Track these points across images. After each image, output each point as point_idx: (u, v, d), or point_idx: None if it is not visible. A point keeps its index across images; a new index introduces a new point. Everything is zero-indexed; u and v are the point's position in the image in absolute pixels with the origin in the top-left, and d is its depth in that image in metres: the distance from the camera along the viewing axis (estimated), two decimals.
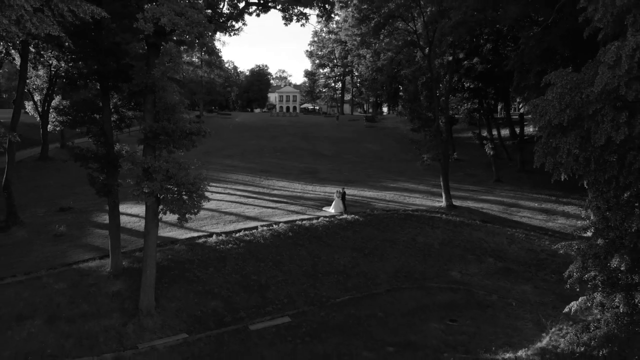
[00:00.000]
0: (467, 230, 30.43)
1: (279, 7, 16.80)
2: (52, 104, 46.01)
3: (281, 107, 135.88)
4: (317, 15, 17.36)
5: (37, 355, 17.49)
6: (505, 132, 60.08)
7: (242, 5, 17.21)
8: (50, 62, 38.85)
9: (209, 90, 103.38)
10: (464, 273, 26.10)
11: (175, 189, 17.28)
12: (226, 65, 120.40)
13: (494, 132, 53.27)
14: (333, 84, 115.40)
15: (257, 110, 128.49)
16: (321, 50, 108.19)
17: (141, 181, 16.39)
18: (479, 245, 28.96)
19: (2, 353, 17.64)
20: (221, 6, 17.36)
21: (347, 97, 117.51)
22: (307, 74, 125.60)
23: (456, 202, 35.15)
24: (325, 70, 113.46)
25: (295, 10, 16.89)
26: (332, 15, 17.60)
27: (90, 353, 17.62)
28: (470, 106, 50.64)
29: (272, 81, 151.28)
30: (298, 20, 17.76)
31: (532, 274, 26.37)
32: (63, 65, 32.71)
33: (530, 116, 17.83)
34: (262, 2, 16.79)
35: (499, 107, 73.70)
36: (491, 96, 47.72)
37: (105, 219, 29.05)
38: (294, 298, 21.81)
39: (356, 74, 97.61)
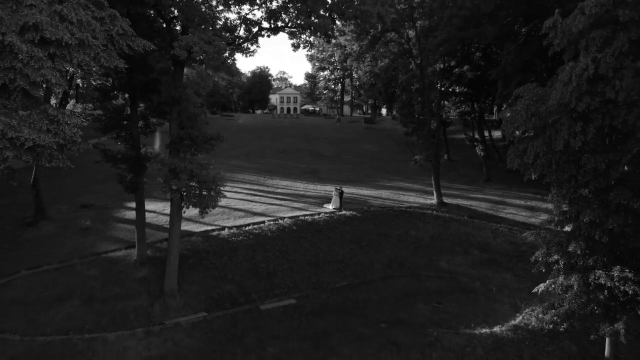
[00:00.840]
0: (456, 225, 33.18)
1: (287, 31, 19.51)
2: (67, 107, 48.98)
3: (282, 109, 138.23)
4: (319, 37, 19.84)
5: (77, 331, 20.24)
6: (497, 133, 62.79)
7: (255, 29, 20.00)
8: (67, 68, 41.61)
9: (213, 92, 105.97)
10: (451, 263, 28.85)
11: (198, 186, 20.03)
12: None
13: (486, 134, 56.00)
14: (333, 86, 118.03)
15: (259, 112, 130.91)
16: (321, 54, 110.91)
17: (169, 179, 19.14)
18: (466, 238, 31.71)
19: (45, 329, 20.39)
20: (239, 30, 20.14)
21: (347, 98, 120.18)
22: (308, 76, 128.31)
23: (447, 200, 37.91)
24: (325, 72, 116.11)
25: (302, 38, 19.52)
26: (332, 40, 20.10)
27: (123, 328, 20.38)
28: (464, 109, 53.38)
29: (272, 82, 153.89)
30: (304, 47, 20.40)
31: (513, 264, 29.08)
32: (79, 72, 35.45)
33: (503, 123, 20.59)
34: (272, 27, 19.53)
35: (495, 108, 76.30)
36: (482, 100, 50.50)
37: (125, 214, 31.88)
38: (299, 283, 24.59)
39: (355, 76, 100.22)
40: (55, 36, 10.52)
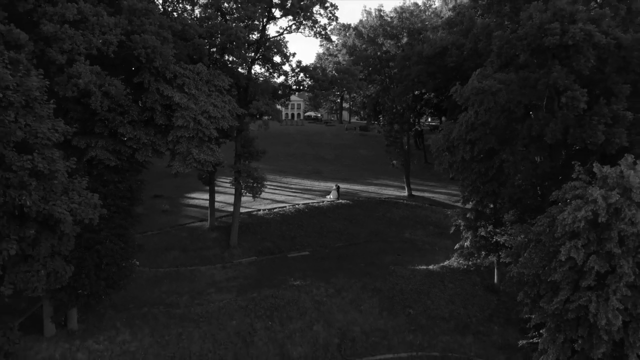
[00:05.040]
0: (419, 210, 47.18)
1: (307, 89, 33.68)
2: None
3: (286, 114, 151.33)
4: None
5: (182, 266, 34.14)
6: None
7: (288, 90, 34.15)
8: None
9: None
10: (413, 234, 42.80)
11: (252, 181, 33.95)
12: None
13: None
14: (332, 97, 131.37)
15: (265, 118, 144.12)
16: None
17: (237, 176, 33.14)
18: (425, 219, 45.66)
19: (162, 265, 34.27)
20: (279, 91, 34.24)
21: (345, 104, 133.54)
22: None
23: (416, 193, 51.83)
24: None
25: (322, 92, 33.85)
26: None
27: (209, 264, 34.34)
28: (435, 124, 67.22)
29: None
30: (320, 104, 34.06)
31: (453, 236, 42.86)
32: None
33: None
34: (297, 88, 33.71)
35: None
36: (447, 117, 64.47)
37: (189, 201, 45.87)
38: (311, 243, 38.59)
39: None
40: (214, 114, 24.25)
